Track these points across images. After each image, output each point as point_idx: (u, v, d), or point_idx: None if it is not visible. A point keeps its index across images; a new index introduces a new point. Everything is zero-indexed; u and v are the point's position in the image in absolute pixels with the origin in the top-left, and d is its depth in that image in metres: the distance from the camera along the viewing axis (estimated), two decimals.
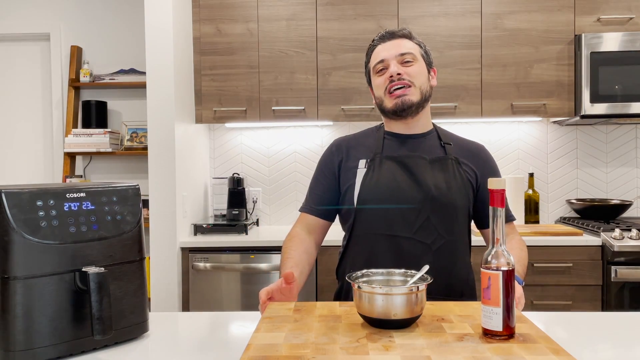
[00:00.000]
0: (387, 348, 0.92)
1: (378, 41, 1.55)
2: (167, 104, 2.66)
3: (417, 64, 1.50)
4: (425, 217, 1.43)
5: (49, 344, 0.98)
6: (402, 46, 1.51)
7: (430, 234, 1.43)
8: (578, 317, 1.26)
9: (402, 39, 1.52)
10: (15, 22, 3.44)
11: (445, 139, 1.55)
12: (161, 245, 2.66)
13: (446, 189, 1.45)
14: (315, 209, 1.57)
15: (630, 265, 2.47)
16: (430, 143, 1.54)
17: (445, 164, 1.49)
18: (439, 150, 1.52)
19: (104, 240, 1.06)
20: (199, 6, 2.90)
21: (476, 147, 1.59)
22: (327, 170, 1.58)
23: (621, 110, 2.71)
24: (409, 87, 1.47)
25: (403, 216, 1.44)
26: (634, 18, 2.76)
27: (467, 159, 1.53)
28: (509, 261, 0.98)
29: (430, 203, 1.44)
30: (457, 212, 1.46)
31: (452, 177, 1.47)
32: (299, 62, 2.88)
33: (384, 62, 1.50)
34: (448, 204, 1.45)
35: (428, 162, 1.48)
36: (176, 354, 1.05)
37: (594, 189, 3.14)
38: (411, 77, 1.48)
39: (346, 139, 1.62)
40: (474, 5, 2.82)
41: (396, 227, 1.43)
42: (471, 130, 3.16)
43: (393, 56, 1.50)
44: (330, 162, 1.58)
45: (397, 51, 1.50)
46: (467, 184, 1.49)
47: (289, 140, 3.25)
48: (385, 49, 1.52)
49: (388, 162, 1.49)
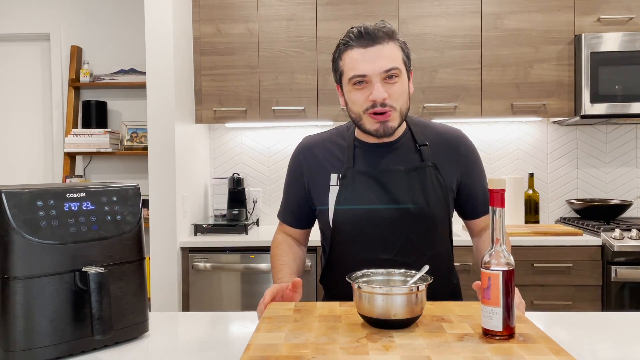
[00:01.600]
0: (387, 348, 0.92)
1: (355, 42, 1.33)
2: (167, 104, 2.66)
3: (400, 80, 1.34)
4: (405, 237, 1.38)
5: (49, 344, 0.98)
6: (387, 57, 1.31)
7: (412, 253, 1.38)
8: (578, 317, 1.26)
9: (385, 43, 1.32)
10: (15, 22, 3.44)
11: (421, 138, 1.43)
12: (161, 245, 2.66)
13: (425, 203, 1.38)
14: (291, 219, 1.54)
15: (630, 265, 2.47)
16: (405, 149, 1.43)
17: (422, 173, 1.40)
18: (415, 155, 1.42)
19: (104, 240, 1.06)
20: (199, 6, 2.90)
21: (455, 139, 1.46)
22: (297, 182, 1.50)
23: (621, 110, 2.71)
24: (391, 112, 1.33)
25: (382, 238, 1.38)
26: (634, 18, 2.76)
27: (446, 158, 1.43)
28: (509, 261, 0.98)
29: (409, 221, 1.37)
30: (436, 226, 1.41)
31: (431, 187, 1.39)
32: (299, 62, 2.88)
33: (365, 77, 1.32)
34: (427, 219, 1.38)
35: (404, 173, 1.39)
36: (176, 354, 1.05)
37: (594, 189, 3.14)
38: (394, 101, 1.33)
39: (314, 141, 1.51)
40: (474, 5, 2.82)
41: (375, 250, 1.37)
42: (471, 130, 3.16)
43: (377, 73, 1.31)
44: (298, 172, 1.50)
45: (381, 67, 1.31)
46: (447, 190, 1.42)
47: (289, 140, 3.25)
48: (367, 60, 1.31)
49: (361, 177, 1.40)
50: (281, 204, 1.58)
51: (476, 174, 1.47)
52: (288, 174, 1.54)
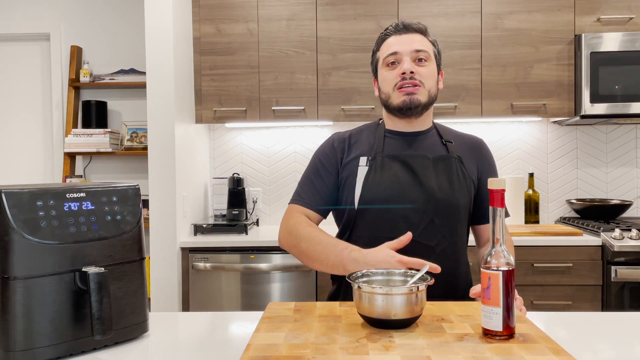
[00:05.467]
0: (387, 348, 0.92)
1: (392, 31, 1.48)
2: (167, 104, 2.66)
3: (429, 65, 1.46)
4: (429, 219, 1.41)
5: (49, 344, 0.98)
6: (418, 42, 1.45)
7: (434, 236, 1.41)
8: (578, 317, 1.26)
9: (417, 34, 1.47)
10: (15, 22, 3.44)
11: (446, 136, 1.53)
12: (161, 245, 2.66)
13: (450, 189, 1.43)
14: (314, 205, 1.50)
15: (630, 265, 2.47)
16: (432, 140, 1.51)
17: (448, 163, 1.46)
18: (441, 148, 1.50)
19: (104, 240, 1.06)
20: (199, 6, 2.90)
21: (476, 142, 1.57)
22: (330, 165, 1.51)
23: (621, 110, 2.71)
24: (419, 87, 1.43)
25: (406, 218, 1.41)
26: (634, 18, 2.76)
27: (469, 155, 1.51)
28: (509, 261, 0.98)
29: (433, 204, 1.41)
30: (459, 212, 1.45)
31: (455, 176, 1.45)
32: (299, 62, 2.88)
33: (397, 55, 1.44)
34: (451, 205, 1.43)
35: (431, 161, 1.45)
36: (176, 354, 1.05)
37: (594, 189, 3.14)
38: (422, 78, 1.44)
39: (346, 134, 1.56)
40: (474, 5, 2.82)
41: (399, 229, 1.37)
42: (471, 130, 3.15)
43: (408, 51, 1.44)
44: (333, 156, 1.52)
45: (412, 47, 1.44)
46: (470, 182, 1.48)
47: (289, 140, 3.25)
48: (399, 42, 1.45)
49: (390, 161, 1.45)
50: (301, 188, 1.53)
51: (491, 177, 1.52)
52: (317, 158, 1.54)
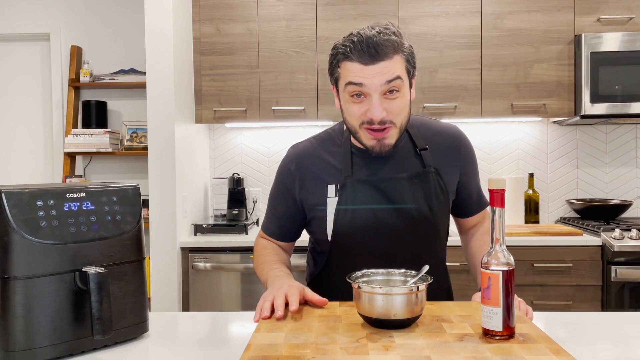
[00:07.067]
0: (387, 348, 0.92)
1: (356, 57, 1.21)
2: (167, 104, 2.66)
3: (401, 94, 1.25)
4: (407, 246, 1.34)
5: (49, 344, 0.98)
6: (389, 72, 1.21)
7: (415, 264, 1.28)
8: (578, 317, 1.26)
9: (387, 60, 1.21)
10: (15, 22, 3.44)
11: (420, 142, 1.37)
12: (161, 245, 2.66)
13: (428, 210, 1.33)
14: (277, 236, 1.46)
15: (630, 265, 2.47)
16: (405, 151, 1.37)
17: (425, 179, 1.34)
18: (415, 160, 1.36)
19: (104, 240, 1.06)
20: (199, 6, 2.90)
21: (454, 140, 1.41)
22: (287, 193, 1.41)
23: (621, 110, 2.71)
24: (389, 129, 1.26)
25: (384, 248, 1.33)
26: (634, 18, 2.76)
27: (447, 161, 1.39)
28: (509, 261, 0.98)
29: (412, 231, 1.33)
30: (439, 233, 1.39)
31: (434, 193, 1.35)
32: (299, 62, 2.88)
33: (363, 88, 1.22)
34: (431, 227, 1.35)
35: (407, 181, 1.33)
36: (176, 354, 1.05)
37: (594, 189, 3.14)
38: (394, 117, 1.25)
39: (305, 150, 1.41)
40: (474, 5, 2.82)
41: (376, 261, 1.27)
42: (471, 130, 3.16)
43: (377, 85, 1.21)
44: (290, 184, 1.40)
45: (382, 79, 1.21)
46: (449, 195, 1.39)
47: (289, 140, 3.24)
48: (366, 75, 1.21)
49: (361, 187, 1.32)
50: (266, 215, 1.49)
51: (472, 173, 1.46)
52: (276, 185, 1.44)
